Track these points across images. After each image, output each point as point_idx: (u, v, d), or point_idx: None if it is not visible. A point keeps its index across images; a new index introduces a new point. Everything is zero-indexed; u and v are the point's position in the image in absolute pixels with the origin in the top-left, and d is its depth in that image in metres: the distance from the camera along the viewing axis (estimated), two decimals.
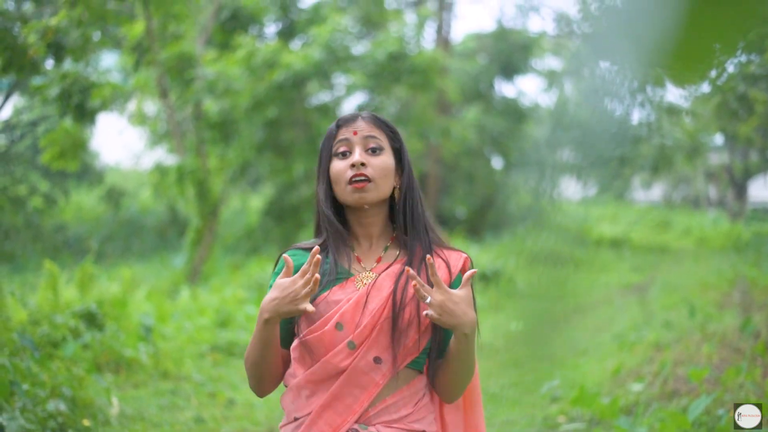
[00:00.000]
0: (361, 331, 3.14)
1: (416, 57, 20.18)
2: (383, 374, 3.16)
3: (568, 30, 31.45)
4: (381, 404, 3.18)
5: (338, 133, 3.28)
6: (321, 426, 3.17)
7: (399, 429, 3.17)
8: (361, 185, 3.19)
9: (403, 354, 3.17)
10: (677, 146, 20.48)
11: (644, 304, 13.19)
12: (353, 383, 3.16)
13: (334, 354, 3.15)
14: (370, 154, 3.23)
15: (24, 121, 18.42)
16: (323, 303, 3.20)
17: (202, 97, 17.87)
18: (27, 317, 9.60)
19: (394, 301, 3.16)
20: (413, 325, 3.16)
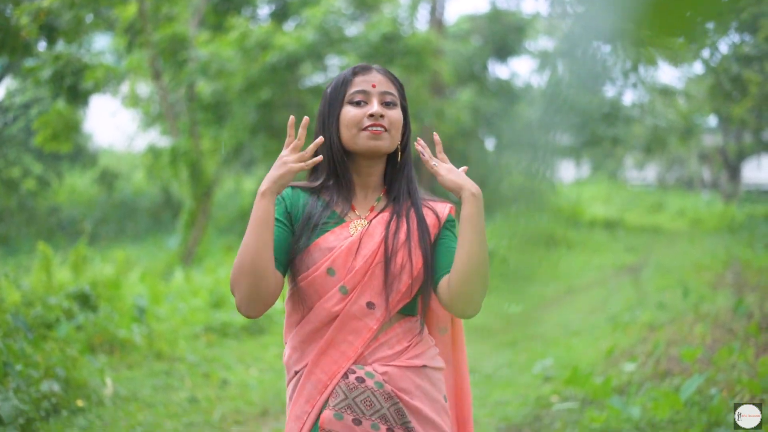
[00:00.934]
0: (353, 276, 3.16)
1: (410, 38, 20.13)
2: (376, 319, 3.18)
3: (561, 10, 31.47)
4: (374, 343, 3.20)
5: (354, 82, 3.29)
6: (318, 375, 3.19)
7: (395, 366, 3.19)
8: (378, 132, 3.22)
9: (396, 299, 3.19)
10: (671, 127, 20.53)
11: (638, 284, 13.22)
12: (347, 329, 3.17)
13: (327, 299, 3.17)
14: (385, 107, 3.26)
15: (17, 104, 18.41)
16: (316, 249, 3.22)
17: (195, 79, 17.85)
18: (21, 299, 9.60)
19: (386, 246, 3.21)
20: (406, 270, 3.20)
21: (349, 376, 3.15)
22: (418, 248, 3.24)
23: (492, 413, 7.80)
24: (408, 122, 3.38)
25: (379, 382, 3.15)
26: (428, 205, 3.40)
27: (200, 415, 7.82)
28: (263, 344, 10.90)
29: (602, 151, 30.16)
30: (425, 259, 3.24)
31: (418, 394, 3.21)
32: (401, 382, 3.19)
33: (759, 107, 12.77)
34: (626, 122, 25.48)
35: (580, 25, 3.11)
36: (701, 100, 15.35)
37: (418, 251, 3.24)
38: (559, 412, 7.47)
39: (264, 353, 10.42)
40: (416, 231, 3.26)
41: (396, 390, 3.17)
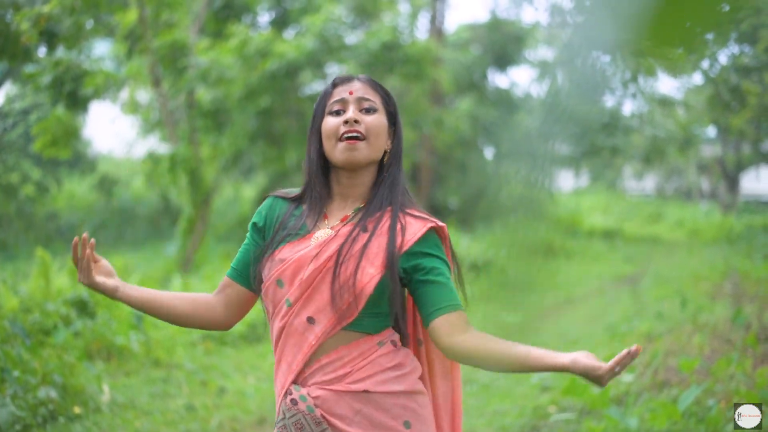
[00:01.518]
0: (297, 288, 3.08)
1: (410, 47, 20.15)
2: (316, 335, 3.07)
3: (561, 20, 31.53)
4: (315, 364, 3.09)
5: (333, 92, 3.24)
6: (277, 388, 3.18)
7: (331, 390, 3.07)
8: (353, 142, 3.13)
9: (337, 317, 3.07)
10: (670, 138, 20.54)
11: (636, 295, 13.23)
12: (291, 342, 3.11)
13: (276, 312, 3.14)
14: (364, 114, 3.18)
15: (16, 109, 18.39)
16: (271, 260, 3.17)
17: (195, 86, 17.85)
18: (18, 305, 9.61)
19: (337, 258, 3.08)
20: (347, 288, 3.05)
21: (287, 397, 3.11)
22: (372, 264, 3.08)
23: (489, 423, 7.79)
24: (398, 129, 3.29)
25: (310, 406, 3.07)
26: (404, 220, 3.18)
27: (197, 423, 7.81)
28: (261, 353, 10.89)
29: (601, 161, 30.22)
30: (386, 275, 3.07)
31: (357, 420, 3.07)
32: (336, 407, 3.07)
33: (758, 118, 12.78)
34: (625, 132, 25.55)
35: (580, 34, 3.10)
36: (700, 111, 15.36)
37: (372, 268, 3.08)
38: (557, 422, 7.46)
39: (262, 362, 10.41)
40: (376, 244, 3.11)
41: (328, 415, 3.07)
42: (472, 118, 28.16)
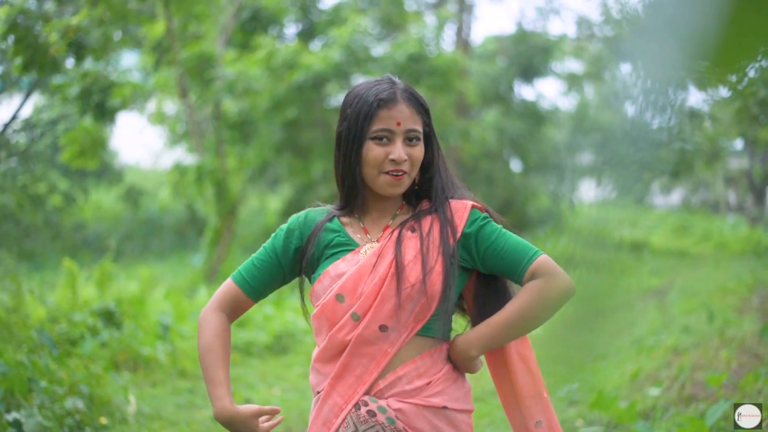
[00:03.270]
0: (363, 301, 3.09)
1: (436, 59, 20.16)
2: (391, 342, 3.08)
3: (589, 33, 31.42)
4: (391, 375, 3.09)
5: (378, 116, 3.14)
6: (334, 398, 3.13)
7: (412, 404, 3.08)
8: (399, 178, 3.14)
9: (410, 320, 3.09)
10: (697, 151, 20.45)
11: (663, 308, 13.15)
12: (361, 354, 3.09)
13: (339, 328, 3.11)
14: (407, 144, 3.15)
15: (44, 120, 18.48)
16: (327, 277, 3.17)
17: (222, 97, 17.89)
18: (46, 315, 9.65)
19: (396, 265, 3.10)
20: (417, 289, 3.07)
21: (360, 408, 3.09)
22: (432, 261, 3.12)
23: None
24: (434, 141, 3.28)
25: (391, 418, 3.07)
26: (449, 209, 3.25)
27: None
28: (286, 364, 10.90)
29: (630, 175, 30.02)
30: (445, 274, 3.11)
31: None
32: (416, 422, 3.09)
33: None
34: (655, 146, 25.39)
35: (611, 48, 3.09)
36: (728, 124, 15.27)
37: (435, 266, 3.11)
38: None
39: (287, 373, 10.42)
40: (430, 240, 3.16)
41: (408, 428, 3.08)
42: (498, 130, 28.17)
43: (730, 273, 16.60)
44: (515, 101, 30.07)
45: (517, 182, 29.57)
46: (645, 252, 24.15)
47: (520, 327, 3.15)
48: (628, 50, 2.45)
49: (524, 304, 3.11)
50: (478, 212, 3.25)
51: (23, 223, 18.73)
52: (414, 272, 3.09)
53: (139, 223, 26.83)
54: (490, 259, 3.17)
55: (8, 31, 9.85)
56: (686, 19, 1.64)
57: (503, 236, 3.19)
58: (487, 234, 3.19)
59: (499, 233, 3.19)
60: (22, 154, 17.79)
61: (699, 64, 1.67)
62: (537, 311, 3.12)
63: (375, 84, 3.23)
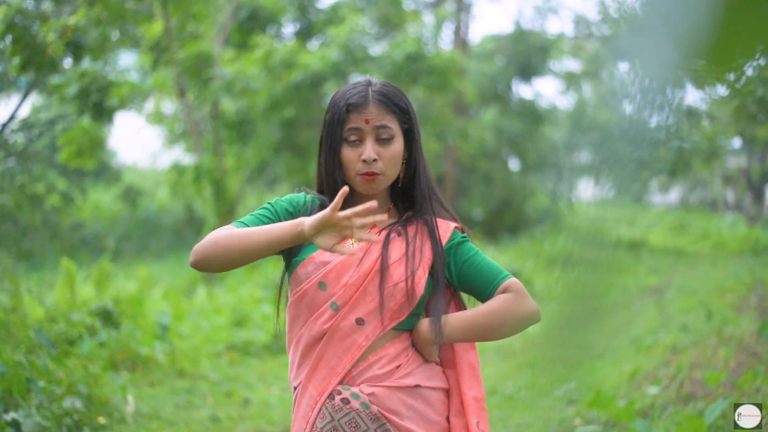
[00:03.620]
0: (344, 292, 3.13)
1: (434, 58, 20.15)
2: (366, 336, 3.14)
3: (587, 32, 31.44)
4: (363, 363, 3.15)
5: (349, 119, 3.20)
6: (311, 391, 3.16)
7: (384, 387, 3.14)
8: (373, 177, 3.19)
9: (389, 317, 3.15)
10: (695, 149, 20.43)
11: (661, 307, 13.16)
12: (336, 345, 3.14)
13: (317, 316, 3.15)
14: (380, 144, 3.20)
15: (42, 120, 18.51)
16: (311, 263, 3.19)
17: (220, 97, 17.89)
18: (44, 315, 9.65)
19: (382, 262, 3.16)
20: (400, 288, 3.14)
21: (335, 397, 3.13)
22: (419, 265, 3.20)
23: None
24: (415, 139, 3.34)
25: (365, 402, 3.11)
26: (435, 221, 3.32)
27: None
28: (285, 363, 10.83)
29: (627, 174, 30.00)
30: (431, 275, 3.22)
31: (410, 415, 3.16)
32: (390, 403, 3.14)
33: None
34: (653, 145, 25.37)
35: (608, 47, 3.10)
36: (725, 122, 15.28)
37: (420, 269, 3.19)
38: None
39: (285, 372, 10.33)
40: (419, 247, 3.23)
41: (384, 411, 3.12)
42: (497, 129, 28.18)
43: (729, 272, 16.62)
44: (513, 100, 30.07)
45: (515, 181, 29.57)
46: (643, 251, 24.15)
47: (484, 329, 3.23)
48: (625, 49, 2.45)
49: (493, 308, 3.20)
50: (459, 232, 3.34)
51: (21, 222, 18.75)
52: (397, 273, 3.16)
53: (137, 222, 26.83)
54: (465, 274, 3.28)
55: (6, 31, 9.86)
56: (682, 18, 1.64)
57: (479, 255, 3.30)
58: (465, 250, 3.30)
59: (476, 252, 3.31)
60: (20, 154, 17.81)
61: (695, 63, 1.67)
62: (502, 320, 3.21)
63: (350, 88, 3.28)
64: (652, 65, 2.01)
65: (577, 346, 4.40)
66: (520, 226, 27.53)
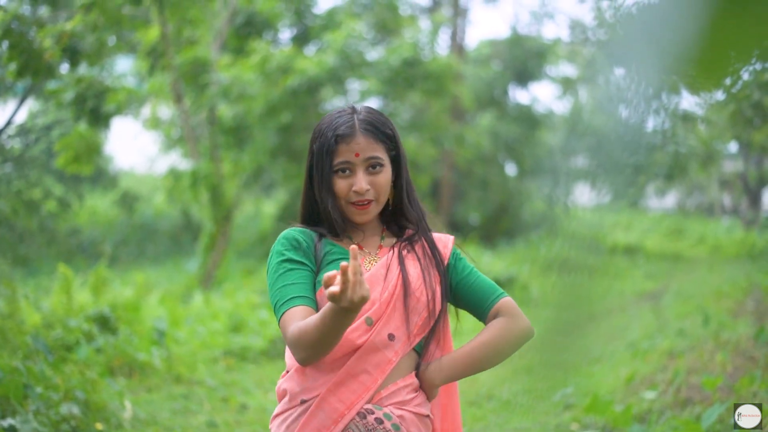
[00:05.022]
0: (379, 307, 3.18)
1: (430, 63, 20.18)
2: (395, 351, 3.19)
3: (583, 37, 31.48)
4: (393, 386, 3.21)
5: (338, 150, 3.24)
6: (333, 403, 3.16)
7: (409, 411, 3.21)
8: (366, 207, 3.27)
9: (415, 332, 3.23)
10: (691, 154, 20.44)
11: (658, 311, 13.17)
12: (367, 360, 3.17)
13: (352, 330, 3.15)
14: (371, 173, 3.27)
15: (39, 125, 18.47)
16: None
17: (217, 102, 17.89)
18: (41, 320, 9.64)
19: (404, 279, 3.24)
20: (422, 303, 3.24)
21: (367, 417, 3.16)
22: (433, 281, 3.30)
23: None
24: (402, 166, 3.38)
25: (396, 424, 3.17)
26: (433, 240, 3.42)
27: None
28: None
29: (624, 179, 30.01)
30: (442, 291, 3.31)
31: None
32: (413, 428, 3.22)
33: None
34: (649, 149, 25.39)
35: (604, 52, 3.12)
36: (722, 127, 15.28)
37: (434, 285, 3.30)
38: None
39: None
40: (429, 263, 3.33)
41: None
42: (493, 134, 28.18)
43: (725, 276, 16.62)
44: (510, 105, 30.10)
45: (512, 186, 29.56)
46: (639, 255, 24.17)
47: (482, 362, 3.31)
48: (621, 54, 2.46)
49: (488, 340, 3.29)
50: (456, 248, 3.45)
51: (18, 228, 18.71)
52: (418, 287, 3.26)
53: (134, 228, 26.80)
54: (461, 291, 3.37)
55: (2, 36, 9.86)
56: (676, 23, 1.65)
57: (475, 273, 3.41)
58: (462, 268, 3.40)
59: (472, 270, 3.42)
60: (16, 160, 17.78)
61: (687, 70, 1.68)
62: (499, 348, 3.30)
63: (336, 117, 3.32)
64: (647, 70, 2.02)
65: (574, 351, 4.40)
66: (517, 231, 27.53)
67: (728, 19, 1.59)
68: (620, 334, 12.52)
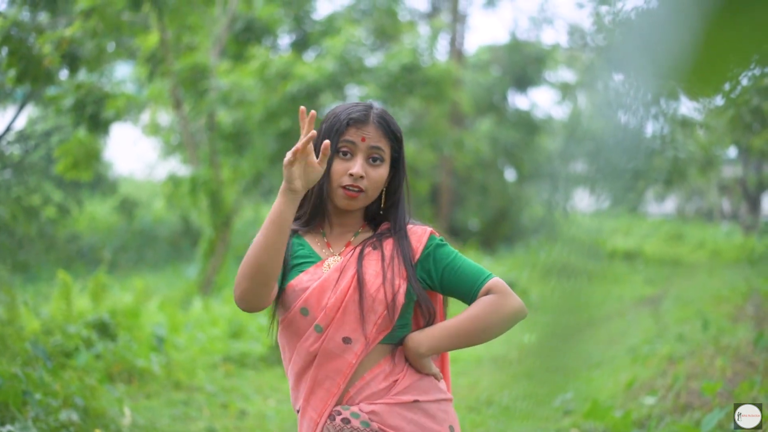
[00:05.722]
0: (326, 313, 3.17)
1: (430, 69, 20.19)
2: (355, 353, 3.17)
3: (582, 42, 31.49)
4: (359, 382, 3.20)
5: (347, 132, 3.27)
6: (309, 412, 3.22)
7: (384, 404, 3.19)
8: (354, 195, 3.26)
9: (373, 330, 3.19)
10: (691, 159, 20.44)
11: (657, 316, 13.15)
12: (327, 366, 3.18)
13: (304, 339, 3.19)
14: (370, 164, 3.27)
15: (38, 132, 18.49)
16: (291, 290, 3.24)
17: (216, 108, 17.89)
18: (40, 327, 9.63)
19: (358, 279, 3.20)
20: (379, 300, 3.19)
21: (335, 418, 3.18)
22: (397, 276, 3.24)
23: None
24: (400, 171, 3.40)
25: (365, 421, 3.17)
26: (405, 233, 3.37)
27: None
28: (281, 375, 10.88)
29: (623, 184, 30.00)
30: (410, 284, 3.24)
31: (410, 429, 3.21)
32: (391, 419, 3.19)
33: None
34: (648, 154, 25.36)
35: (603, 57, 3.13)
36: (721, 132, 15.28)
37: (398, 279, 3.23)
38: None
39: (282, 384, 10.40)
40: (395, 258, 3.28)
41: (384, 428, 3.18)
42: (492, 140, 28.20)
43: (725, 281, 16.61)
44: (509, 111, 30.11)
45: (511, 191, 29.58)
46: (639, 260, 24.18)
47: (470, 335, 3.27)
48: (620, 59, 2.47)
49: (477, 313, 3.25)
50: (435, 237, 3.38)
51: (17, 234, 18.70)
52: (374, 286, 3.22)
53: (133, 234, 26.79)
54: (447, 279, 3.32)
55: (2, 43, 9.86)
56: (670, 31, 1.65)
57: (459, 258, 3.35)
58: (445, 254, 3.34)
59: (456, 255, 3.36)
60: (16, 166, 17.79)
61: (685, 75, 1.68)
62: (488, 322, 3.25)
63: (353, 105, 3.36)
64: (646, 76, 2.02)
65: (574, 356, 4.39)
66: (516, 237, 27.53)
67: (727, 24, 1.59)
68: (620, 339, 12.51)
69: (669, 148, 15.24)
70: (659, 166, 25.08)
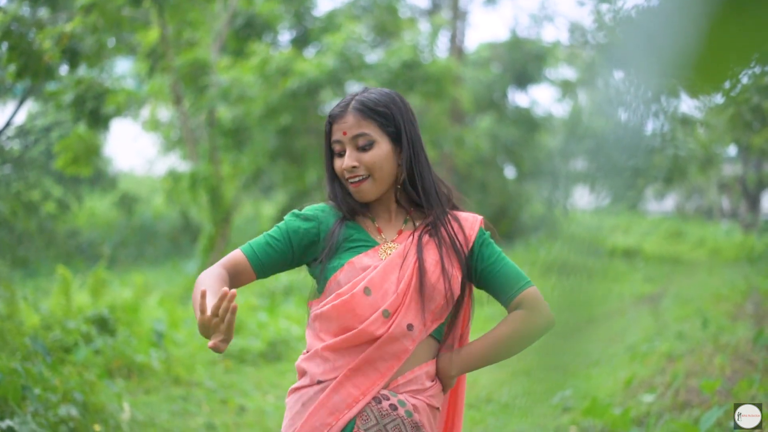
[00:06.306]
0: (395, 300, 3.20)
1: (430, 65, 20.16)
2: (413, 340, 3.21)
3: (583, 40, 31.49)
4: (409, 374, 3.24)
5: (332, 132, 3.36)
6: (349, 388, 3.20)
7: (422, 401, 3.25)
8: (358, 184, 3.31)
9: (430, 319, 3.25)
10: (691, 157, 20.45)
11: (657, 314, 13.15)
12: (386, 350, 3.20)
13: (371, 323, 3.18)
14: (360, 152, 3.30)
15: (38, 127, 18.50)
16: (350, 267, 3.27)
17: (216, 104, 17.89)
18: (39, 322, 9.63)
19: (420, 267, 3.24)
20: (438, 290, 3.24)
21: (382, 402, 3.20)
22: (453, 266, 3.29)
23: None
24: (407, 139, 3.38)
25: (409, 411, 3.21)
26: (457, 221, 3.41)
27: None
28: (280, 371, 10.89)
29: (623, 182, 29.96)
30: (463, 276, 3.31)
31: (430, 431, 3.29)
32: (424, 417, 3.25)
33: None
34: (648, 152, 25.32)
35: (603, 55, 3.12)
36: (721, 130, 15.27)
37: (454, 269, 3.29)
38: None
39: (281, 380, 10.41)
40: (450, 248, 3.31)
41: (421, 424, 3.23)
42: (492, 137, 28.15)
43: (724, 279, 16.60)
44: (509, 108, 30.05)
45: (511, 189, 29.54)
46: (638, 258, 24.16)
47: (499, 355, 3.36)
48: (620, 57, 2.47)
49: (507, 333, 3.33)
50: (484, 230, 3.44)
51: (17, 230, 18.73)
52: (435, 275, 3.25)
53: (133, 230, 26.78)
54: (487, 277, 3.37)
55: (2, 38, 9.86)
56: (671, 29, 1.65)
57: (502, 259, 3.39)
58: (489, 253, 3.39)
59: (499, 255, 3.39)
60: (15, 161, 17.80)
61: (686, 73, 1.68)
62: (517, 341, 3.34)
63: (338, 103, 3.44)
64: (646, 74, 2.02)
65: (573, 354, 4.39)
66: (516, 234, 27.48)
67: (727, 22, 1.58)
68: (619, 337, 12.51)
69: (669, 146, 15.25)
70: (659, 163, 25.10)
